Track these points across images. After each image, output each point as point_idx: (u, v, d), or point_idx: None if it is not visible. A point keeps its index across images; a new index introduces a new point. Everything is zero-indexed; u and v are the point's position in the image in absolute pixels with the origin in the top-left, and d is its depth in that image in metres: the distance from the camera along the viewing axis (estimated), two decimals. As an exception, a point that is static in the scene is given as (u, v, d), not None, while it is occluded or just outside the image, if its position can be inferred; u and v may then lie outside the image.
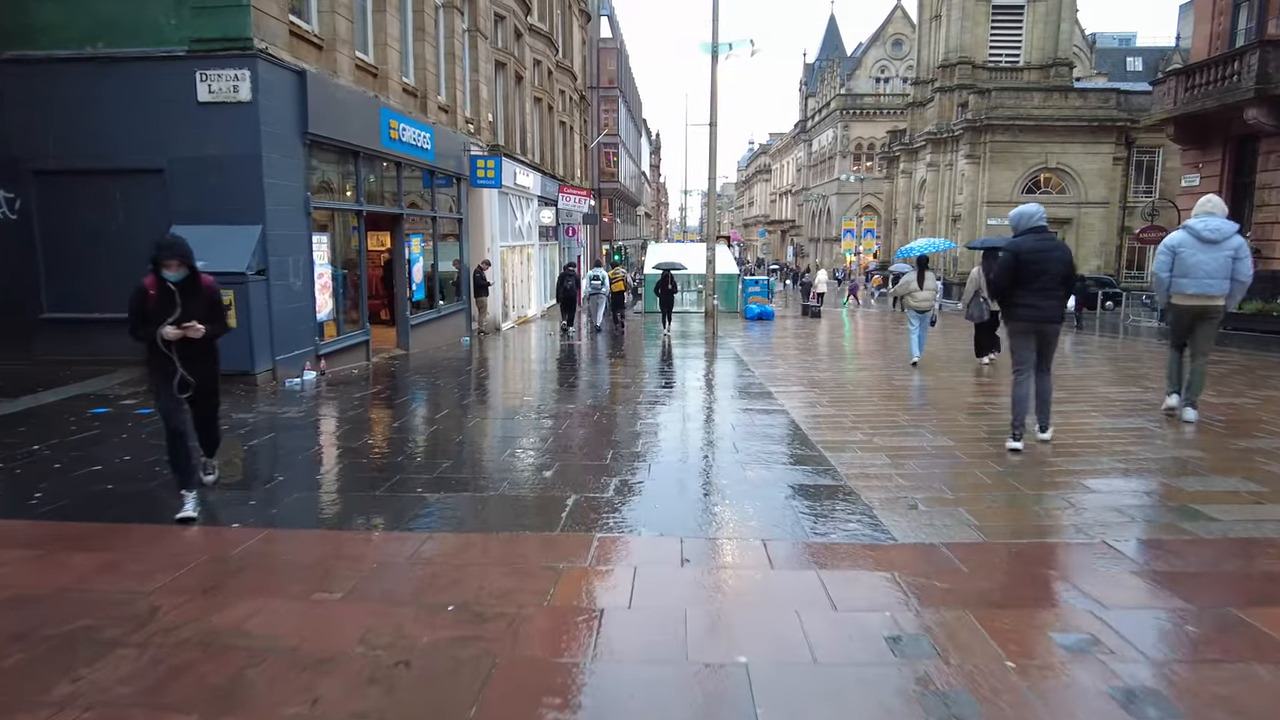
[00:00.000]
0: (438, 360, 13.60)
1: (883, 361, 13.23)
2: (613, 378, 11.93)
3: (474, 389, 10.87)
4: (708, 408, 8.79)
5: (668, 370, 12.42)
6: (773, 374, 11.54)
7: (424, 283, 15.70)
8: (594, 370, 12.87)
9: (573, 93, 30.45)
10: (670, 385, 10.70)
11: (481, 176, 17.67)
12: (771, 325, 22.54)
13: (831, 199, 57.50)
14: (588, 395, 9.96)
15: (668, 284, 19.39)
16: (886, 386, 10.34)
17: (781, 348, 16.16)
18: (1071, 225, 37.85)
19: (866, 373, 11.78)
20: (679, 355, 14.59)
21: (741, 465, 5.95)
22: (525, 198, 23.41)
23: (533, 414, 8.49)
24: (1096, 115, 37.04)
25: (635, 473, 5.79)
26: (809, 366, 12.74)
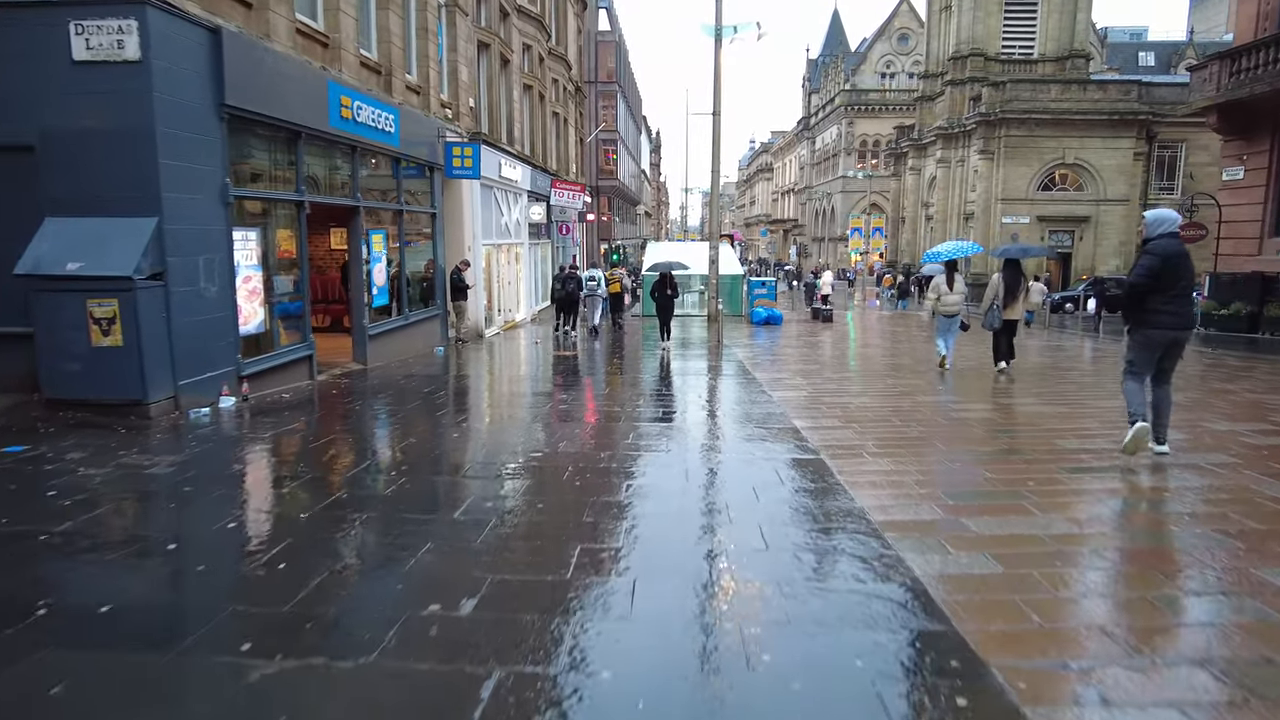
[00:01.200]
0: (397, 378, 11.42)
1: (924, 382, 11.01)
2: (600, 404, 9.74)
3: (421, 424, 8.69)
4: (718, 460, 6.58)
5: (666, 393, 10.23)
6: (795, 398, 9.36)
7: (388, 285, 13.52)
8: (579, 392, 10.68)
9: (567, 83, 28.26)
10: (669, 417, 8.48)
11: (458, 166, 15.48)
12: (780, 331, 20.36)
13: (836, 197, 55.26)
14: (564, 434, 7.78)
15: (667, 288, 16.19)
16: (943, 420, 8.13)
17: (797, 360, 13.97)
18: (1089, 223, 35.68)
19: (910, 398, 9.57)
20: (679, 371, 12.39)
21: (780, 588, 3.73)
22: (513, 192, 21.22)
23: (483, 468, 6.29)
24: (1117, 108, 34.80)
25: (607, 610, 3.54)
26: (837, 388, 10.52)
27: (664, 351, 14.91)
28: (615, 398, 10.08)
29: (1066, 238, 36.20)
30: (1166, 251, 5.81)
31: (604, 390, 10.81)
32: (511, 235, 21.19)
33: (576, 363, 14.11)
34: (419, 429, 8.05)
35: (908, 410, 8.60)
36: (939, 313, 11.81)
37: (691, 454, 6.63)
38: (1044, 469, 5.93)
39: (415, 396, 10.04)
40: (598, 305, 20.14)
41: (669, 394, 10.12)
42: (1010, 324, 11.39)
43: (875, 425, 7.76)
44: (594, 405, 9.60)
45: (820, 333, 20.23)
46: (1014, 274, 11.43)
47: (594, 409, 9.32)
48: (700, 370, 12.47)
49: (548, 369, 13.21)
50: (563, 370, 13.09)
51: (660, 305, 16.44)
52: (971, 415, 8.38)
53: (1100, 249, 35.71)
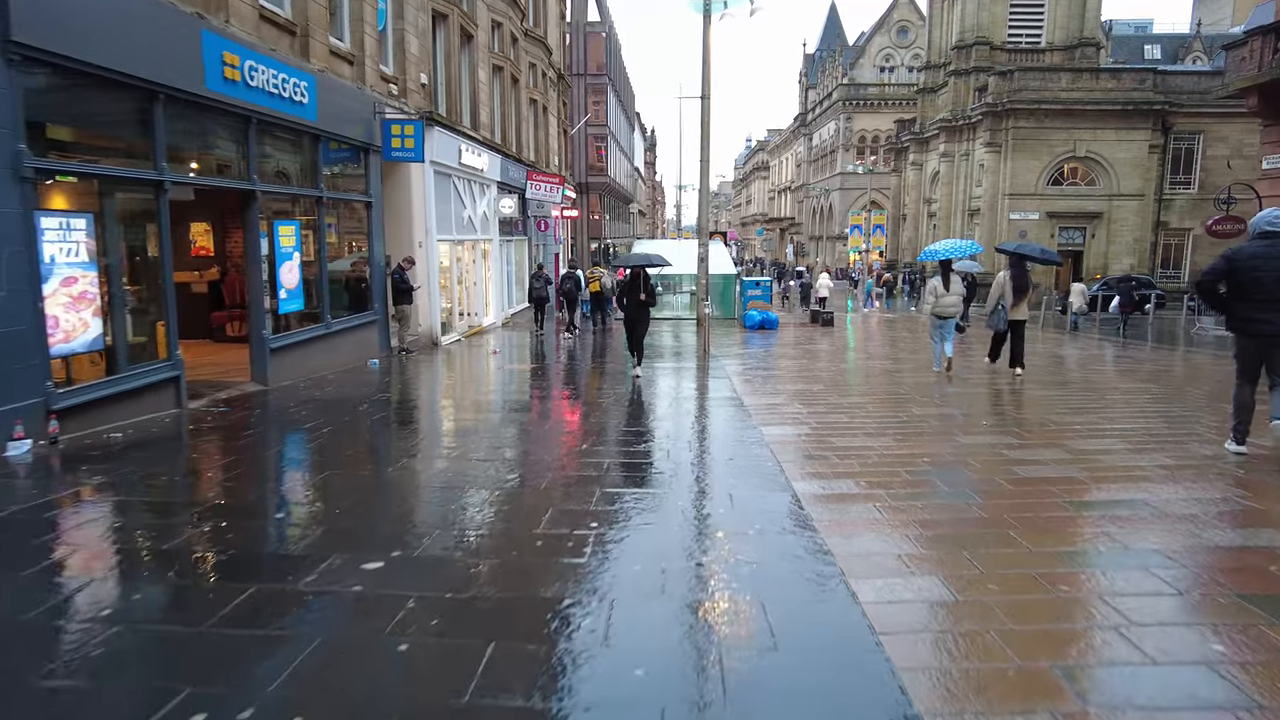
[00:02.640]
0: (298, 403, 8.95)
1: (957, 410, 8.53)
2: (547, 450, 7.24)
3: (295, 483, 6.22)
4: (696, 577, 4.12)
5: (635, 438, 7.71)
6: (792, 438, 6.86)
7: (302, 287, 11.04)
8: (524, 429, 8.16)
9: (546, 68, 25.76)
10: (637, 477, 5.90)
11: (397, 147, 13.01)
12: (775, 337, 17.89)
13: (834, 195, 52.75)
14: (490, 501, 5.31)
15: (639, 291, 10.93)
16: (1009, 482, 5.64)
17: (795, 375, 11.47)
18: (1102, 220, 33.17)
19: (948, 439, 7.09)
20: (654, 395, 9.90)
21: None
22: (479, 182, 18.74)
23: (337, 573, 3.84)
24: (1131, 98, 32.27)
25: None
26: (846, 419, 7.98)
27: (635, 380, 10.60)
28: (573, 438, 7.59)
29: (1078, 235, 33.72)
30: (1238, 254, 5.91)
31: (561, 424, 8.32)
32: (477, 230, 18.70)
33: (532, 380, 11.64)
34: (302, 493, 5.57)
35: (951, 461, 6.11)
36: (935, 314, 11.09)
37: (652, 569, 4.11)
38: (1237, 610, 3.46)
39: (303, 434, 7.55)
40: (576, 305, 19.05)
41: (639, 436, 7.62)
42: (1017, 325, 10.77)
43: (912, 494, 5.25)
44: (542, 452, 7.11)
45: (820, 339, 17.74)
46: (1021, 273, 10.82)
47: (539, 458, 6.83)
48: (680, 393, 9.98)
49: (495, 391, 10.72)
50: (513, 391, 10.61)
51: (630, 317, 11.16)
52: (1049, 471, 5.88)
53: (1113, 247, 33.24)
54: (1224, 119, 32.91)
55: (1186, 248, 34.01)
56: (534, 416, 8.46)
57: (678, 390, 10.11)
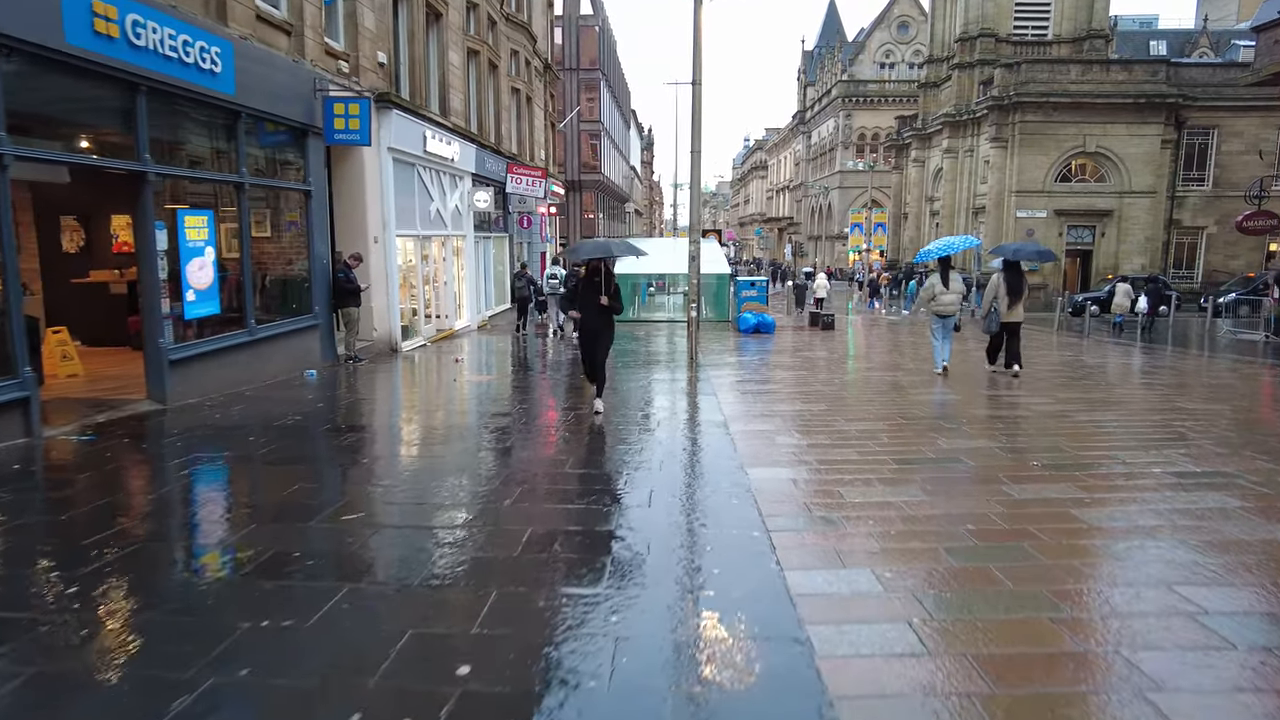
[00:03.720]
0: (194, 430, 7.22)
1: (996, 443, 6.78)
2: (483, 510, 5.47)
3: (87, 581, 4.50)
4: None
5: (582, 493, 5.94)
6: (790, 496, 5.12)
7: (217, 287, 9.30)
8: (459, 470, 6.40)
9: (530, 56, 24.02)
10: (590, 570, 4.16)
11: (340, 129, 11.27)
12: (772, 343, 16.15)
13: (833, 193, 50.96)
14: (389, 600, 3.62)
15: (598, 292, 7.85)
16: (1088, 552, 3.92)
17: (793, 393, 9.70)
18: (1112, 218, 31.37)
19: (995, 490, 5.35)
20: (625, 429, 8.16)
21: None
22: (450, 173, 17.00)
23: None
24: (1143, 91, 30.47)
25: None
26: (857, 460, 6.24)
27: (596, 419, 7.74)
28: (521, 491, 5.83)
29: (1086, 234, 31.93)
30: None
31: (508, 468, 6.56)
32: (447, 225, 16.96)
33: (485, 399, 9.91)
34: (81, 582, 3.83)
35: (1006, 529, 4.37)
36: (934, 313, 10.77)
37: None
38: None
39: (161, 477, 5.81)
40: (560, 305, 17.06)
41: (579, 491, 5.86)
42: (1013, 327, 10.46)
43: (965, 595, 3.52)
44: (478, 515, 5.36)
45: (819, 345, 16.00)
46: (1016, 275, 10.54)
47: (465, 522, 5.08)
48: (656, 418, 8.20)
49: (434, 413, 8.97)
50: (455, 416, 8.86)
51: (587, 329, 8.03)
52: (1162, 551, 4.15)
53: (1124, 245, 31.44)
54: (1240, 112, 31.17)
55: (1200, 247, 32.25)
56: (462, 453, 6.70)
57: (654, 413, 8.36)
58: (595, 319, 8.01)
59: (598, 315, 7.99)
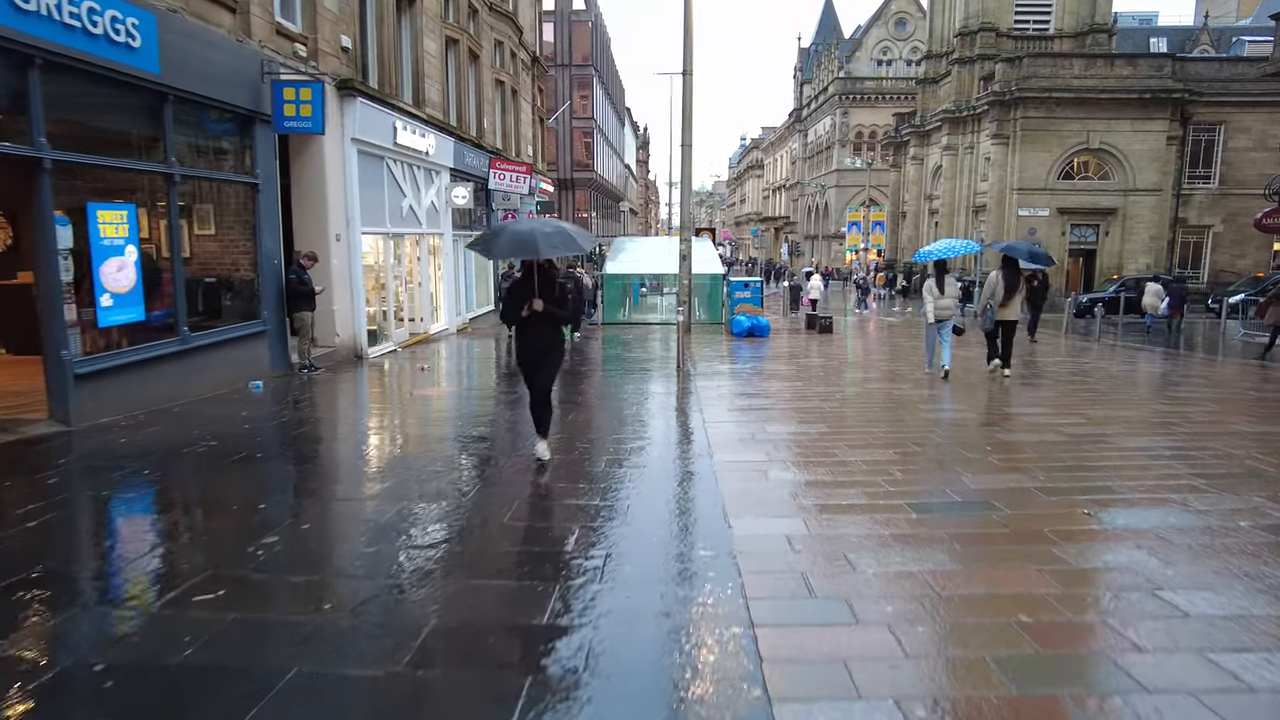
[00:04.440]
0: (91, 458, 6.09)
1: (1039, 471, 5.66)
2: (380, 592, 4.27)
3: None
4: None
5: (529, 576, 4.81)
6: (788, 568, 3.95)
7: (140, 290, 8.14)
8: (370, 522, 5.23)
9: (516, 48, 22.84)
10: (497, 700, 3.06)
11: (291, 116, 10.10)
12: (766, 347, 15.02)
13: (830, 192, 49.79)
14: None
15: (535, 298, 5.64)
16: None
17: (791, 409, 8.55)
18: (1117, 216, 30.25)
19: (1054, 568, 4.22)
20: (590, 461, 7.00)
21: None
22: (425, 167, 15.84)
23: None
24: (1149, 86, 29.32)
25: None
26: (874, 505, 5.11)
27: (540, 465, 5.89)
28: (395, 558, 4.69)
29: (1090, 232, 30.81)
30: None
31: (415, 523, 5.42)
32: (422, 223, 15.80)
33: (440, 419, 8.78)
34: None
35: (1076, 626, 3.26)
36: (932, 317, 10.54)
37: None
38: None
39: (17, 531, 4.66)
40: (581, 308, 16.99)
41: (530, 545, 4.73)
42: (1008, 325, 10.38)
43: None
44: (392, 607, 4.22)
45: (816, 349, 14.86)
46: (1013, 273, 10.39)
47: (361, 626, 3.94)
48: (627, 445, 7.05)
49: (382, 441, 7.81)
50: (399, 442, 7.71)
51: (526, 347, 5.99)
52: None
53: (1129, 245, 30.32)
54: (1247, 108, 30.06)
55: (1206, 246, 31.15)
56: (383, 497, 5.54)
57: (629, 438, 7.21)
58: (536, 335, 5.84)
59: (539, 330, 5.81)
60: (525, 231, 5.68)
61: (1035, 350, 14.46)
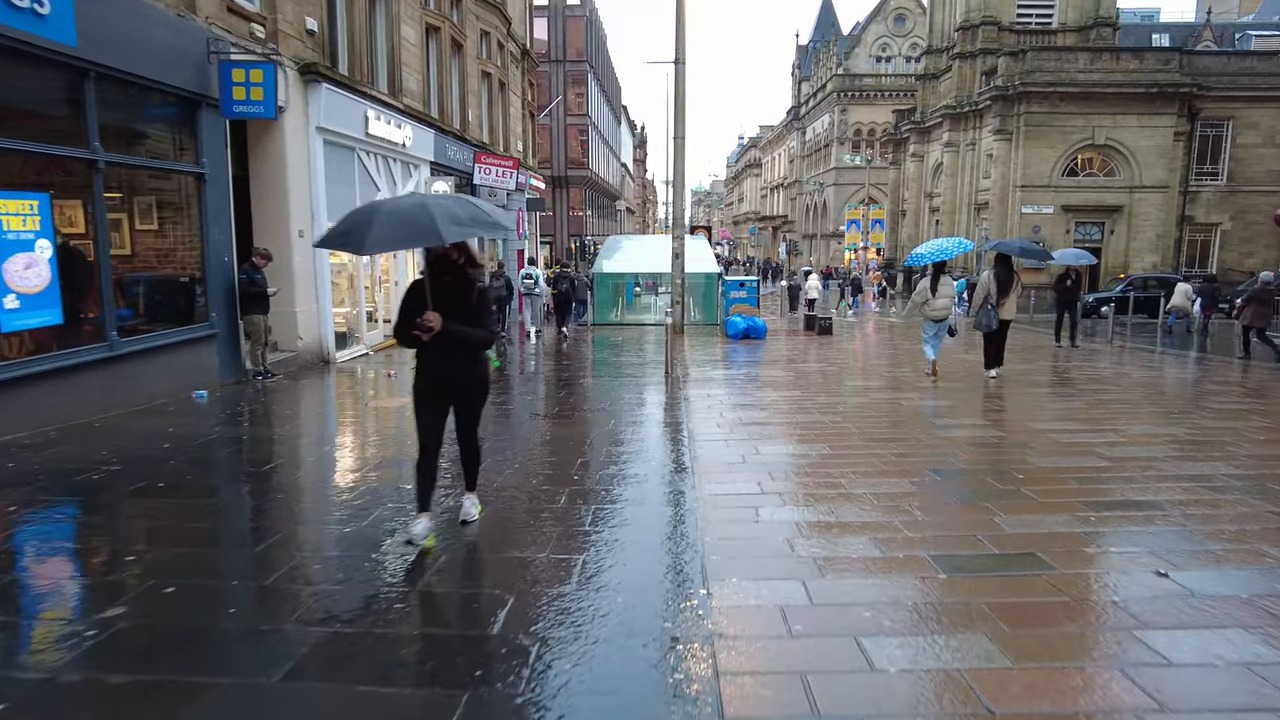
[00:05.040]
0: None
1: (1085, 513, 4.67)
2: (227, 708, 3.34)
3: None
4: None
5: (429, 682, 3.78)
6: (787, 674, 3.01)
7: (57, 290, 7.16)
8: (253, 592, 4.23)
9: (504, 39, 21.83)
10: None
11: (240, 99, 9.09)
12: (763, 350, 14.03)
13: (828, 190, 48.79)
14: None
15: (450, 306, 3.91)
16: None
17: (790, 424, 7.56)
18: (1122, 214, 29.26)
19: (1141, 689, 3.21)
20: (544, 509, 6.01)
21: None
22: (403, 161, 14.85)
23: None
24: (1156, 80, 28.34)
25: None
26: (891, 557, 4.10)
27: (466, 526, 4.38)
28: (262, 651, 3.69)
29: (1095, 230, 29.82)
30: None
31: (311, 593, 4.41)
32: (399, 220, 14.79)
33: (404, 431, 7.79)
34: None
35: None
36: (926, 318, 10.44)
37: None
38: None
39: None
40: (536, 305, 16.24)
41: (444, 627, 3.74)
42: (1002, 325, 10.12)
43: None
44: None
45: (815, 353, 13.88)
46: (1007, 270, 10.25)
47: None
48: (598, 472, 6.05)
49: (317, 466, 6.78)
50: (342, 469, 6.71)
51: (428, 376, 4.15)
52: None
53: (1135, 243, 29.34)
54: (1256, 103, 29.09)
55: (1214, 244, 30.17)
56: (284, 547, 4.52)
57: (596, 461, 6.21)
58: (444, 361, 4.05)
59: (449, 353, 4.01)
60: (411, 207, 3.69)
61: (1059, 355, 13.45)
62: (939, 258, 10.27)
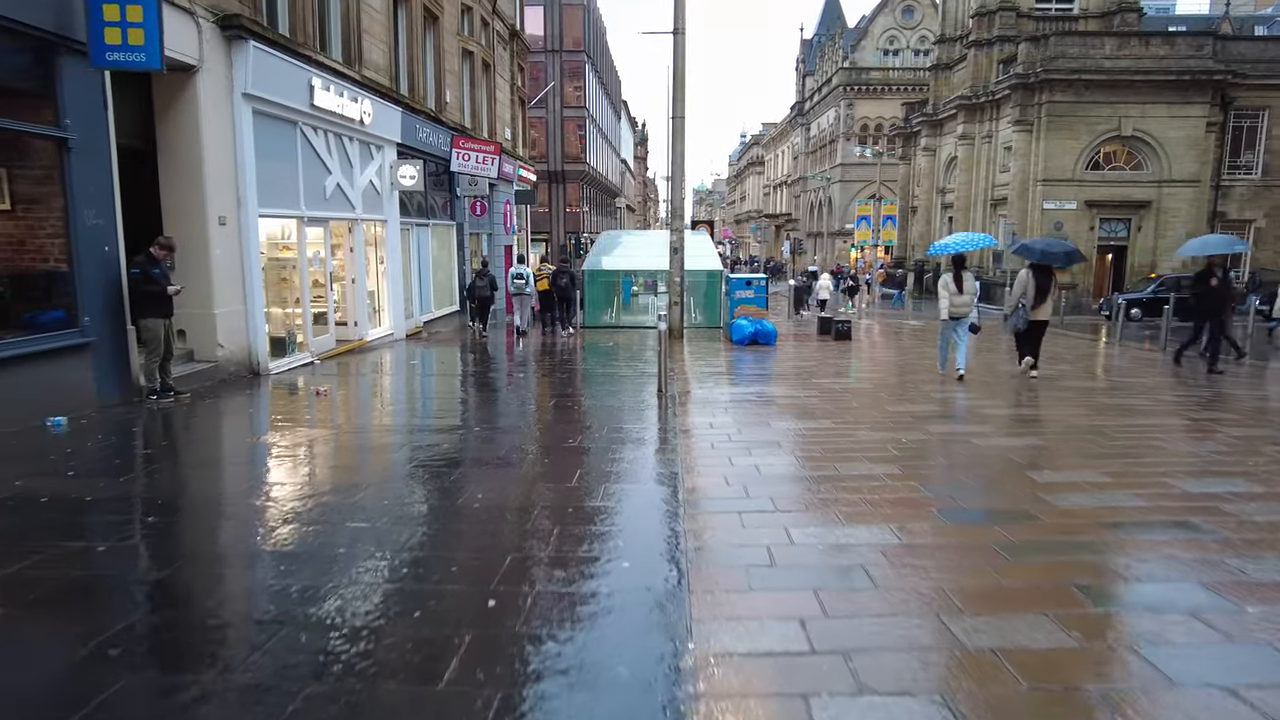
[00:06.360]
0: None
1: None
2: None
3: None
4: None
5: None
6: None
7: None
8: None
9: (489, 15, 19.71)
10: None
11: (115, 45, 6.99)
12: (774, 359, 11.93)
13: (834, 187, 46.62)
14: None
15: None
16: None
17: (846, 484, 5.41)
18: (1150, 209, 27.11)
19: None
20: (456, 639, 3.91)
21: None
22: (360, 139, 12.75)
23: None
24: (1188, 67, 26.16)
25: None
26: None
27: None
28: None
29: (1121, 227, 27.68)
30: None
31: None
32: (356, 207, 12.71)
33: (294, 488, 5.70)
34: None
35: None
36: (948, 314, 9.76)
37: None
38: None
39: None
40: (525, 304, 15.46)
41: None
42: (1040, 326, 9.67)
43: None
44: None
45: (837, 365, 11.77)
46: (1044, 272, 9.61)
47: None
48: (542, 585, 3.99)
49: (152, 551, 4.71)
50: (203, 544, 4.62)
51: None
52: None
53: (1163, 240, 27.13)
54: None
55: (1247, 242, 27.96)
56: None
57: (537, 558, 4.14)
58: None
59: None
60: None
61: (1185, 378, 10.55)
62: (962, 249, 10.24)
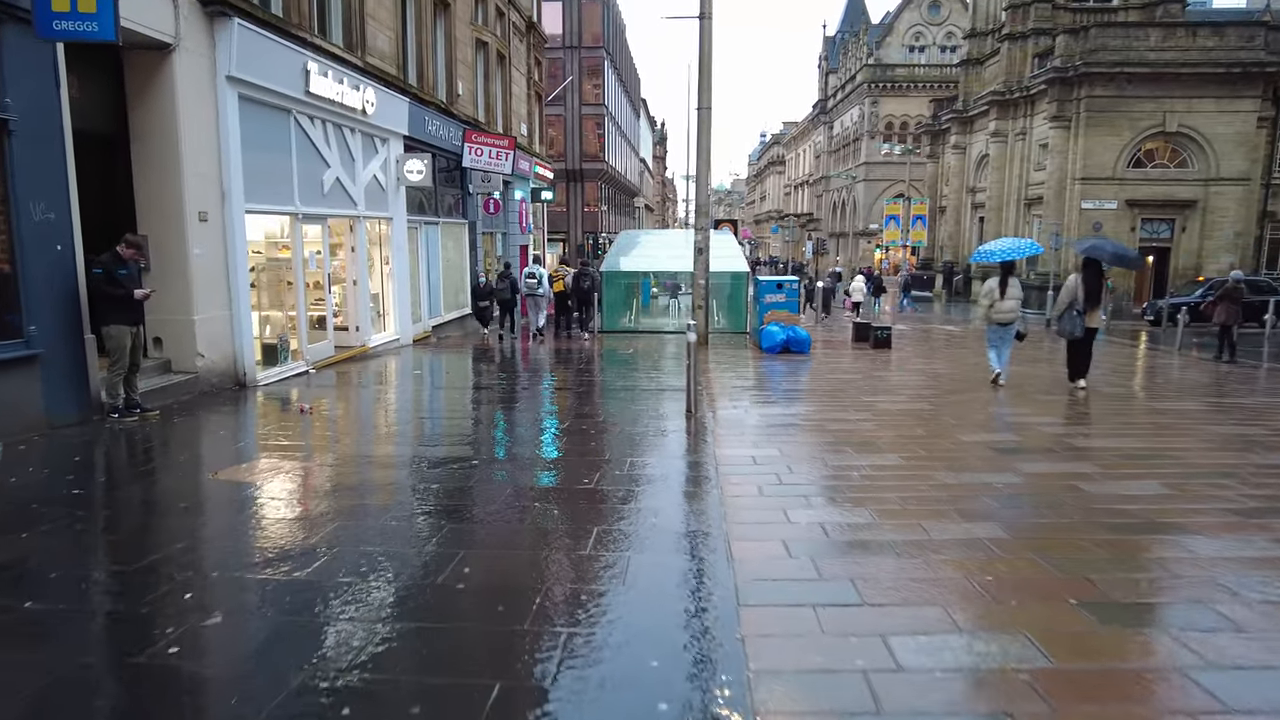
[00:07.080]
0: None
1: None
2: None
3: None
4: None
5: None
6: None
7: None
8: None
9: (503, 4, 18.72)
10: None
11: (64, 13, 6.03)
12: (809, 370, 10.81)
13: (858, 187, 45.22)
14: None
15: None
16: None
17: (947, 551, 4.33)
18: (1195, 209, 25.62)
19: None
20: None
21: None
22: (365, 132, 11.79)
23: None
24: (1239, 59, 24.66)
25: None
26: None
27: None
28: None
29: (1164, 228, 26.21)
30: None
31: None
32: (358, 203, 11.74)
33: (251, 542, 4.68)
34: None
35: None
36: (992, 321, 9.58)
37: None
38: None
39: None
40: (540, 305, 14.90)
41: None
42: (1090, 333, 9.08)
43: None
44: None
45: (886, 376, 10.63)
46: (1094, 275, 9.09)
47: None
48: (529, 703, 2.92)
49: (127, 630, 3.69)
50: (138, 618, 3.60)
51: None
52: None
53: (1209, 242, 25.68)
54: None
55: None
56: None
57: (510, 713, 3.08)
58: None
59: None
60: None
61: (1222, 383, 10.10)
62: (1009, 257, 9.67)
